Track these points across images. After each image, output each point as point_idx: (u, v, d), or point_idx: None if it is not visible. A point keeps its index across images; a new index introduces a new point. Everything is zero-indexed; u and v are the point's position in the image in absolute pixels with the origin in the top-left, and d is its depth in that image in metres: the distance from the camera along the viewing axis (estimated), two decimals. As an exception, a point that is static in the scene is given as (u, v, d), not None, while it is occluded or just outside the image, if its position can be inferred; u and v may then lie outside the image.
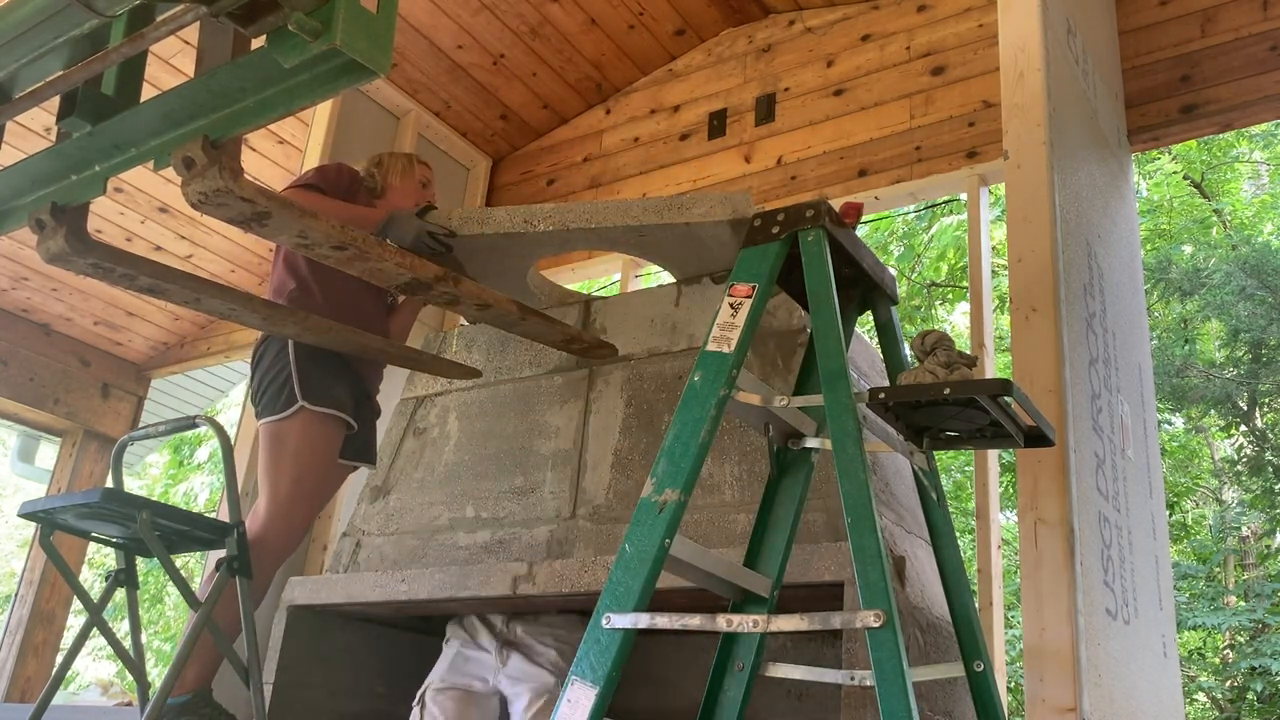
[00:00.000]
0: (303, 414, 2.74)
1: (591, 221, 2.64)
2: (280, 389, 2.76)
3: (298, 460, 2.74)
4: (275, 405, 2.76)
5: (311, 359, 2.79)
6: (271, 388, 2.78)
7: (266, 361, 2.82)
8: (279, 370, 2.78)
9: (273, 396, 2.77)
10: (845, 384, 1.73)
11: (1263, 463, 8.45)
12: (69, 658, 2.55)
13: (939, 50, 3.94)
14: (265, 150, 4.97)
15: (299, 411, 2.74)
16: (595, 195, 4.76)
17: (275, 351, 2.81)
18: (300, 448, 2.75)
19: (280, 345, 2.80)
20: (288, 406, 2.74)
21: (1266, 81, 3.33)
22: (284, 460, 2.73)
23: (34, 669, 5.69)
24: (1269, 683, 8.11)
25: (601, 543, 2.69)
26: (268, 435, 2.77)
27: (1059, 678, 2.13)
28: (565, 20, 4.45)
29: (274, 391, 2.77)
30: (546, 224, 2.69)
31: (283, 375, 2.77)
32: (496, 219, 2.76)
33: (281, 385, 2.76)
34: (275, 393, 2.77)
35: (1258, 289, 7.51)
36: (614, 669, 1.61)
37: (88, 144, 1.76)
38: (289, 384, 2.75)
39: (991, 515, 3.22)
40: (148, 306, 5.92)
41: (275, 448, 2.75)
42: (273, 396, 2.77)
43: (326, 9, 1.32)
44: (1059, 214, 2.51)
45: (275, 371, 2.79)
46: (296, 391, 2.74)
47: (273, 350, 2.82)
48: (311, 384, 2.77)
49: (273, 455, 2.75)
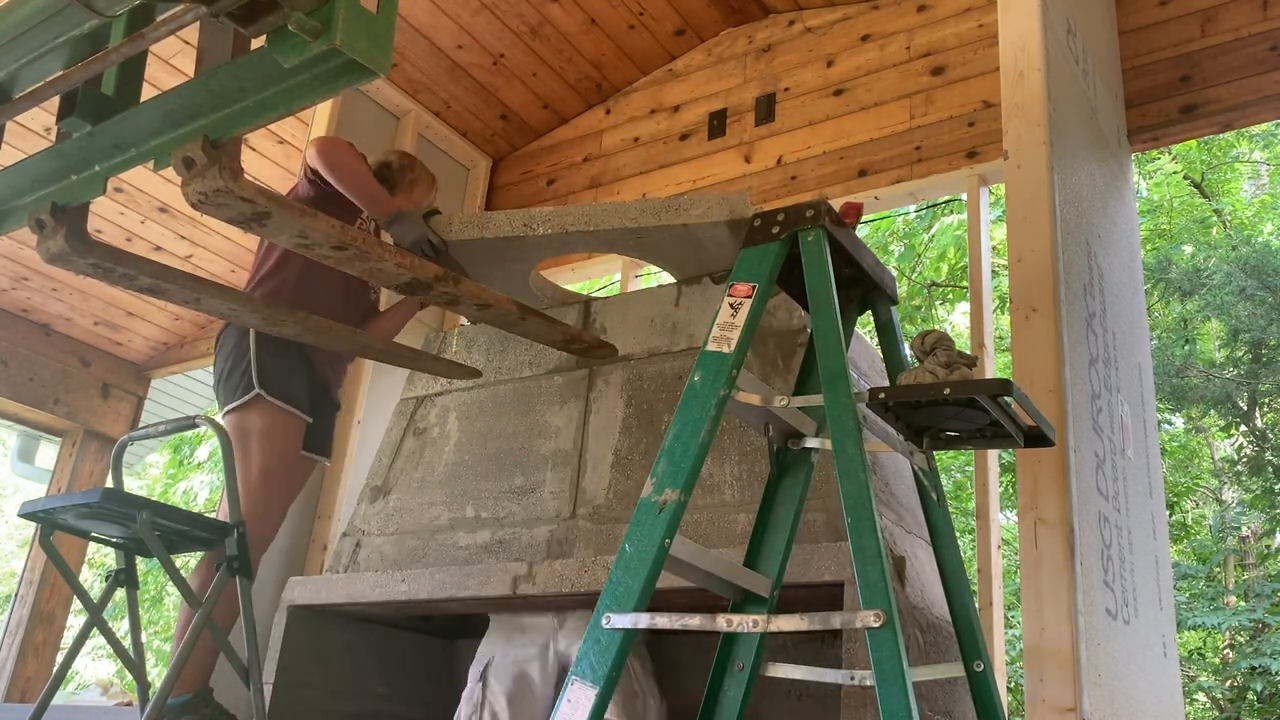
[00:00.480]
0: (260, 401, 2.79)
1: (590, 224, 2.65)
2: (240, 377, 2.81)
3: (262, 449, 2.79)
4: (234, 393, 2.81)
5: (268, 350, 2.83)
6: (231, 376, 2.83)
7: (226, 349, 2.87)
8: (238, 358, 2.83)
9: (232, 385, 2.82)
10: (845, 384, 1.73)
11: (1263, 463, 8.45)
12: (69, 658, 2.55)
13: (939, 50, 3.94)
14: (265, 150, 4.97)
15: (255, 398, 2.79)
16: (595, 195, 4.76)
17: (235, 340, 2.86)
18: (262, 436, 2.80)
19: (240, 334, 2.85)
20: (245, 393, 2.79)
21: (1266, 81, 3.33)
22: (250, 450, 2.78)
23: (34, 669, 5.69)
24: (1269, 682, 8.10)
25: (601, 543, 2.69)
26: (232, 427, 2.80)
27: (1059, 678, 2.13)
28: (565, 20, 4.45)
29: (234, 380, 2.82)
30: (545, 227, 2.69)
31: (242, 363, 2.82)
32: (496, 223, 2.76)
33: (241, 373, 2.81)
34: (234, 381, 2.82)
35: (1258, 289, 7.51)
36: (614, 669, 1.61)
37: (88, 144, 1.76)
38: (247, 372, 2.81)
39: (991, 515, 3.22)
40: (148, 306, 5.92)
41: (240, 439, 2.78)
42: (232, 385, 2.82)
43: (326, 9, 1.32)
44: (1059, 214, 2.51)
45: (234, 360, 2.84)
46: (254, 378, 2.80)
47: (232, 339, 2.87)
48: (267, 374, 2.82)
49: (239, 447, 2.77)
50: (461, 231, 2.77)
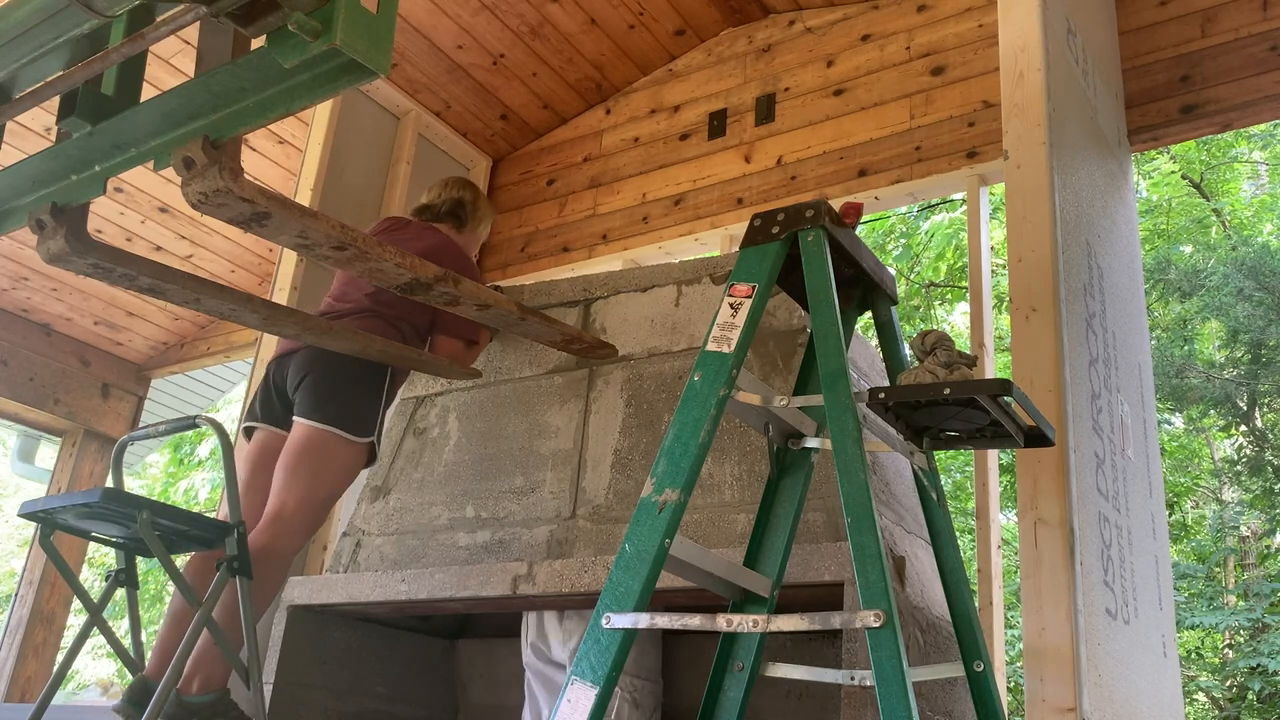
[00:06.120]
0: (368, 447, 2.75)
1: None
2: (366, 415, 2.72)
3: (339, 483, 2.72)
4: (349, 422, 2.69)
5: (394, 394, 2.81)
6: (355, 407, 2.71)
7: (356, 372, 2.74)
8: (370, 394, 2.74)
9: (351, 416, 2.70)
10: (845, 384, 1.73)
11: (1262, 463, 8.45)
12: (69, 658, 2.55)
13: (939, 50, 3.94)
14: (265, 150, 4.97)
15: (368, 444, 2.74)
16: (595, 195, 4.76)
17: (372, 374, 2.75)
18: (347, 473, 2.74)
19: (378, 370, 2.77)
20: (363, 433, 2.72)
21: (1266, 81, 3.33)
22: (329, 474, 2.68)
23: (34, 669, 5.69)
24: (1268, 682, 8.10)
25: (601, 543, 2.69)
26: (319, 443, 2.67)
27: (1059, 678, 2.13)
28: (565, 20, 4.45)
29: (358, 413, 2.71)
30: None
31: (374, 402, 2.74)
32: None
33: (369, 413, 2.73)
34: (357, 414, 2.71)
35: (1256, 290, 7.51)
36: (614, 669, 1.61)
37: (88, 144, 1.76)
38: (376, 416, 2.74)
39: (991, 515, 3.22)
40: (148, 306, 5.92)
41: (325, 459, 2.67)
42: (351, 416, 2.70)
43: (326, 9, 1.32)
44: (1059, 214, 2.51)
45: (365, 391, 2.73)
46: (378, 425, 2.74)
47: (367, 368, 2.75)
48: (382, 420, 2.78)
49: (319, 464, 2.67)
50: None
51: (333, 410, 2.69)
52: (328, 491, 2.69)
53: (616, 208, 4.66)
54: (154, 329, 6.16)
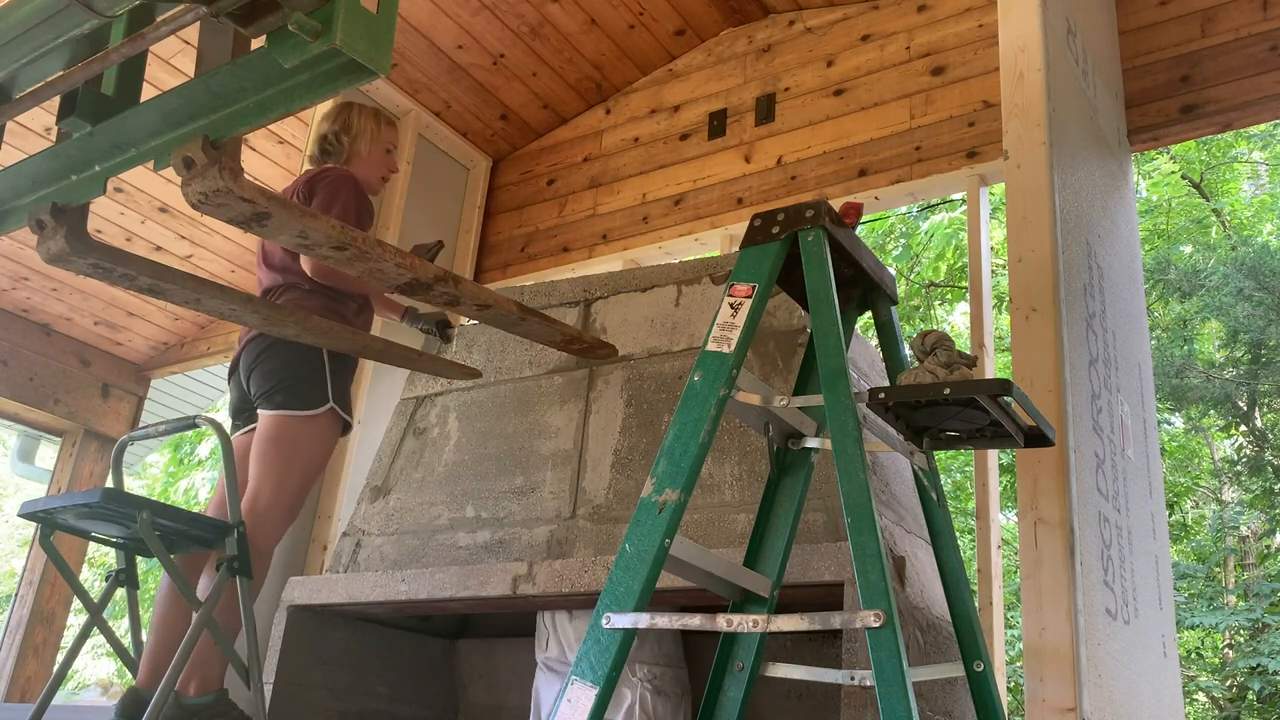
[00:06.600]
0: (329, 414, 2.71)
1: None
2: (312, 387, 2.70)
3: (314, 460, 2.70)
4: (299, 400, 2.68)
5: (338, 362, 2.76)
6: (297, 381, 2.70)
7: (284, 356, 2.72)
8: (310, 368, 2.71)
9: (300, 393, 2.69)
10: (845, 384, 1.73)
11: (1262, 463, 8.45)
12: (69, 658, 2.55)
13: (939, 50, 3.94)
14: (265, 150, 4.97)
15: (327, 411, 2.70)
16: (595, 195, 4.76)
17: (301, 349, 2.73)
18: (317, 449, 2.71)
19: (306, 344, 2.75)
20: (318, 405, 2.69)
21: (1266, 81, 3.33)
22: (298, 458, 2.67)
23: (34, 669, 5.69)
24: (1268, 682, 8.11)
25: (601, 543, 2.70)
26: (281, 428, 2.67)
27: (1059, 678, 2.13)
28: (565, 20, 4.45)
29: (304, 389, 2.69)
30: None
31: (315, 374, 2.71)
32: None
33: (315, 384, 2.70)
34: (303, 387, 2.69)
35: (1256, 290, 7.51)
36: (614, 669, 1.61)
37: (88, 144, 1.76)
38: (322, 384, 2.70)
39: (991, 515, 3.23)
40: (148, 306, 5.92)
41: (289, 444, 2.67)
42: (300, 393, 2.69)
43: (326, 9, 1.32)
44: (1059, 214, 2.51)
45: (304, 368, 2.71)
46: (329, 391, 2.70)
47: (294, 346, 2.73)
48: (338, 387, 2.74)
49: (285, 450, 2.66)
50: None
51: (280, 396, 2.69)
52: (301, 475, 2.67)
53: (616, 208, 4.66)
54: (154, 329, 6.16)
